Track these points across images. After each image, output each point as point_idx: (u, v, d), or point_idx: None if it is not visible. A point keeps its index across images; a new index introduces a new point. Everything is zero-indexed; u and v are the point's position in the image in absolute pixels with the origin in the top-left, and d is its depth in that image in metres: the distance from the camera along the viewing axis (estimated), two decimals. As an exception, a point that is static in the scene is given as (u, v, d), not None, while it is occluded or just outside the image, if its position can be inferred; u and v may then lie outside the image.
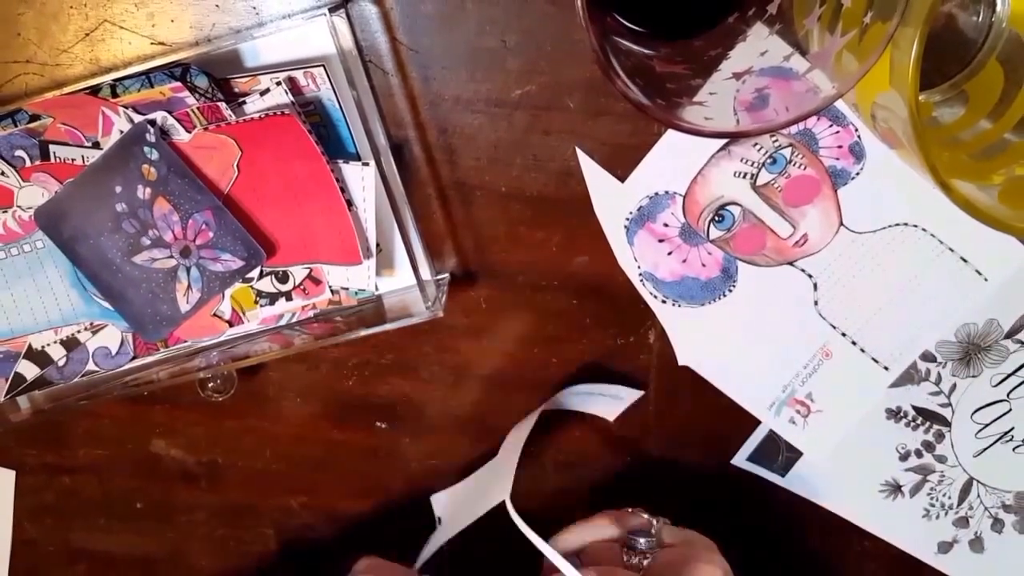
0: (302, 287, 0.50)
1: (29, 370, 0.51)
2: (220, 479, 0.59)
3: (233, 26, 0.47)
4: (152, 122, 0.46)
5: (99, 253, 0.48)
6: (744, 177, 0.50)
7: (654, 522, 0.50)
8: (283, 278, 0.50)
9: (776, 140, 0.50)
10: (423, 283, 0.50)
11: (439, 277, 0.52)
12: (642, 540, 0.48)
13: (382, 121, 0.48)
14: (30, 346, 0.51)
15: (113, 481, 0.59)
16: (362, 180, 0.48)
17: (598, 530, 0.50)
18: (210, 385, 0.55)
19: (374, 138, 0.47)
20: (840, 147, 0.50)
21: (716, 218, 0.51)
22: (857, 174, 0.50)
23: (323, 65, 0.46)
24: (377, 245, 0.49)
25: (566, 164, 0.50)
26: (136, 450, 0.58)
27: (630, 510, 0.51)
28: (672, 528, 0.50)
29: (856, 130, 0.49)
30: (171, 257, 0.49)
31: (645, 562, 0.47)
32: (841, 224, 0.51)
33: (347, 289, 0.50)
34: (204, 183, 0.47)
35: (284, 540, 0.61)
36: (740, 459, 0.57)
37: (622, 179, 0.50)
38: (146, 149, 0.46)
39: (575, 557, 0.49)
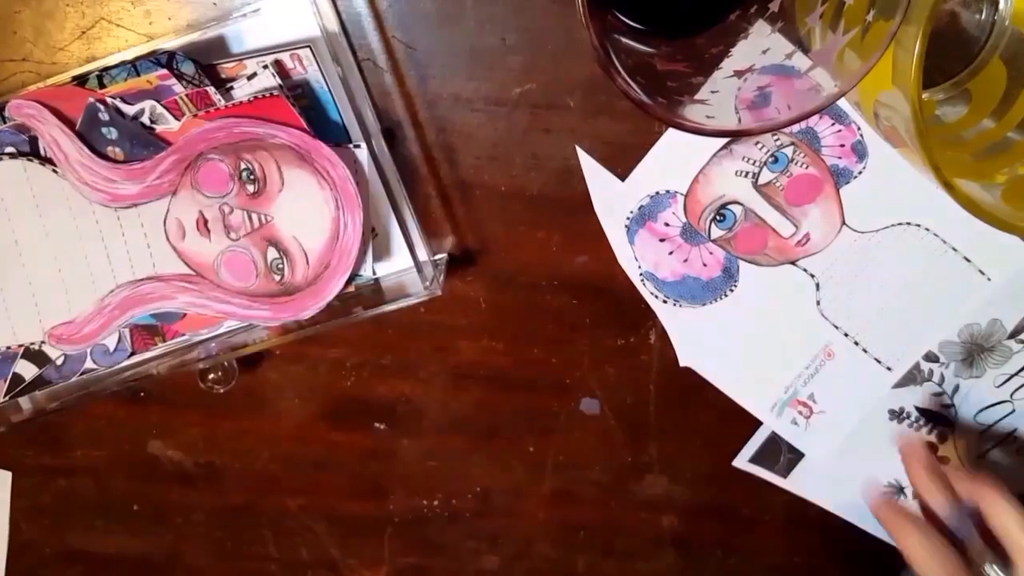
0: (300, 283, 0.50)
1: (27, 370, 0.51)
2: (218, 480, 0.59)
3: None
4: (103, 101, 0.45)
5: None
6: (746, 176, 0.50)
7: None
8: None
9: (778, 139, 0.49)
10: (420, 262, 0.49)
11: (436, 257, 0.51)
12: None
13: (371, 102, 0.47)
14: (27, 346, 0.51)
15: (110, 482, 0.59)
16: (354, 163, 0.47)
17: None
18: (211, 376, 0.54)
19: (363, 119, 0.46)
20: (842, 146, 0.49)
21: (717, 217, 0.51)
22: (859, 173, 0.50)
23: (309, 46, 0.46)
24: (373, 229, 0.49)
25: (566, 163, 0.50)
26: (133, 451, 0.58)
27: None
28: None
29: (858, 129, 0.49)
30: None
31: None
32: (843, 223, 0.51)
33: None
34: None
35: (282, 541, 0.61)
36: (742, 461, 0.57)
37: (623, 178, 0.50)
38: (104, 131, 0.45)
39: None
